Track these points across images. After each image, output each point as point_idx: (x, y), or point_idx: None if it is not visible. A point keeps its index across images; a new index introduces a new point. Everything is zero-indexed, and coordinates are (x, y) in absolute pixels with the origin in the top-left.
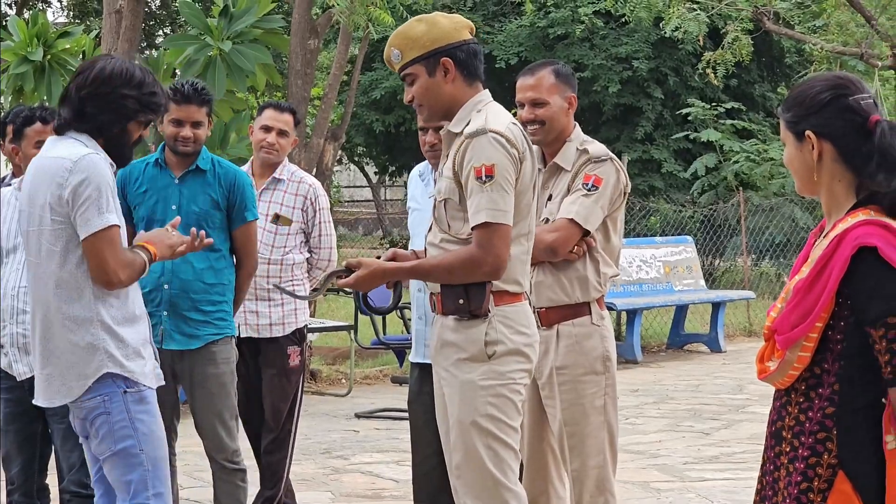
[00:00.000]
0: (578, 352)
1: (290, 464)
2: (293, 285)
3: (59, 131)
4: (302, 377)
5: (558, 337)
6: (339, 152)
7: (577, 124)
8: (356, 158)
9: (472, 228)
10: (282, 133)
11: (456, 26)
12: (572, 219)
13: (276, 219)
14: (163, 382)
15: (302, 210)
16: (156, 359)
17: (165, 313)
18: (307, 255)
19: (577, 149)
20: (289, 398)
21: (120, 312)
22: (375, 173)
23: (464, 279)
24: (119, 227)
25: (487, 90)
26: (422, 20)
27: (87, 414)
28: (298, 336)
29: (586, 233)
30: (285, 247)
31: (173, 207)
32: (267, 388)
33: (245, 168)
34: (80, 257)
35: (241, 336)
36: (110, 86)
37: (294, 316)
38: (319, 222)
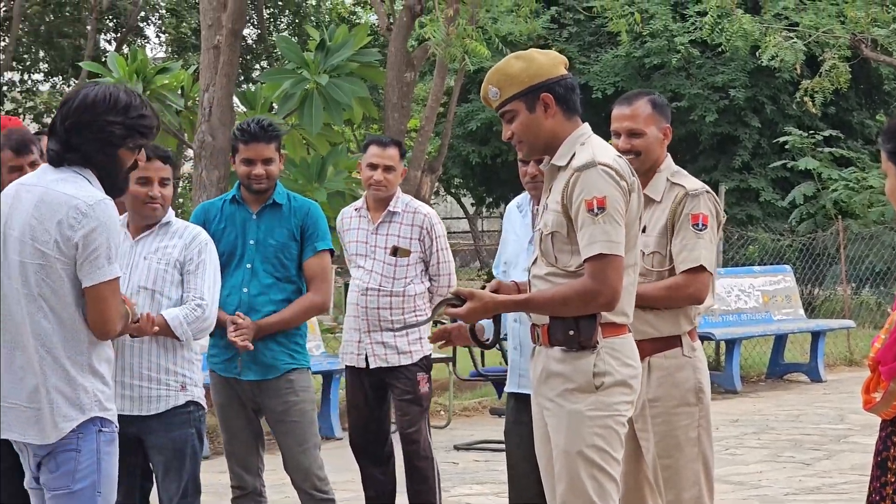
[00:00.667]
0: (670, 384)
1: (439, 491)
2: (416, 316)
3: (54, 163)
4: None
5: (650, 369)
6: (436, 184)
7: (669, 154)
8: (453, 190)
9: (585, 260)
10: (388, 168)
11: (553, 62)
12: (704, 266)
13: (395, 251)
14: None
15: (419, 240)
16: None
17: None
18: (427, 284)
19: (668, 179)
20: (422, 425)
21: (104, 357)
22: (472, 205)
23: (578, 311)
24: (120, 278)
25: (587, 123)
26: (519, 57)
27: (54, 448)
28: (426, 363)
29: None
30: (406, 278)
31: (251, 242)
32: (399, 416)
33: (359, 204)
34: (78, 300)
35: (370, 367)
36: (93, 113)
37: (420, 344)
38: (437, 250)
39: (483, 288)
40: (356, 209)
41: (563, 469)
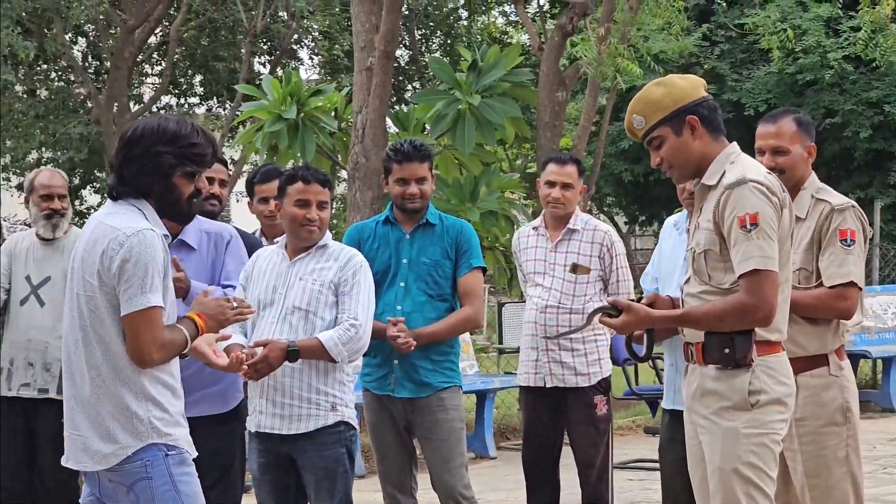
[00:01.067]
0: (817, 403)
1: None
2: (595, 334)
3: (112, 197)
4: (611, 426)
5: (797, 388)
6: (589, 203)
7: (813, 172)
8: (605, 208)
9: (740, 276)
10: (565, 186)
11: (692, 84)
12: (854, 282)
13: (574, 268)
14: (195, 454)
15: (599, 258)
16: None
17: (396, 362)
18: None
19: (812, 196)
20: (599, 447)
21: (162, 382)
22: (625, 223)
23: (734, 327)
24: (161, 307)
25: (735, 143)
26: (659, 84)
27: (125, 479)
28: (604, 385)
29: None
30: (585, 295)
31: (405, 261)
32: (575, 438)
33: (537, 223)
34: (122, 330)
35: (547, 386)
36: (142, 145)
37: (599, 365)
38: (616, 268)
39: (639, 301)
40: (534, 228)
41: (717, 487)
